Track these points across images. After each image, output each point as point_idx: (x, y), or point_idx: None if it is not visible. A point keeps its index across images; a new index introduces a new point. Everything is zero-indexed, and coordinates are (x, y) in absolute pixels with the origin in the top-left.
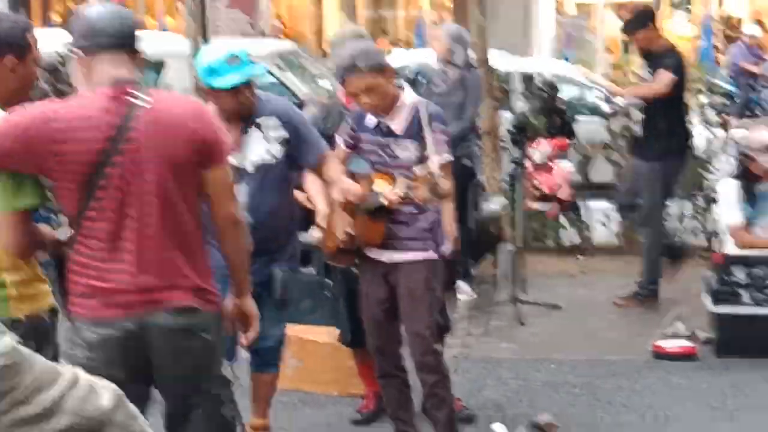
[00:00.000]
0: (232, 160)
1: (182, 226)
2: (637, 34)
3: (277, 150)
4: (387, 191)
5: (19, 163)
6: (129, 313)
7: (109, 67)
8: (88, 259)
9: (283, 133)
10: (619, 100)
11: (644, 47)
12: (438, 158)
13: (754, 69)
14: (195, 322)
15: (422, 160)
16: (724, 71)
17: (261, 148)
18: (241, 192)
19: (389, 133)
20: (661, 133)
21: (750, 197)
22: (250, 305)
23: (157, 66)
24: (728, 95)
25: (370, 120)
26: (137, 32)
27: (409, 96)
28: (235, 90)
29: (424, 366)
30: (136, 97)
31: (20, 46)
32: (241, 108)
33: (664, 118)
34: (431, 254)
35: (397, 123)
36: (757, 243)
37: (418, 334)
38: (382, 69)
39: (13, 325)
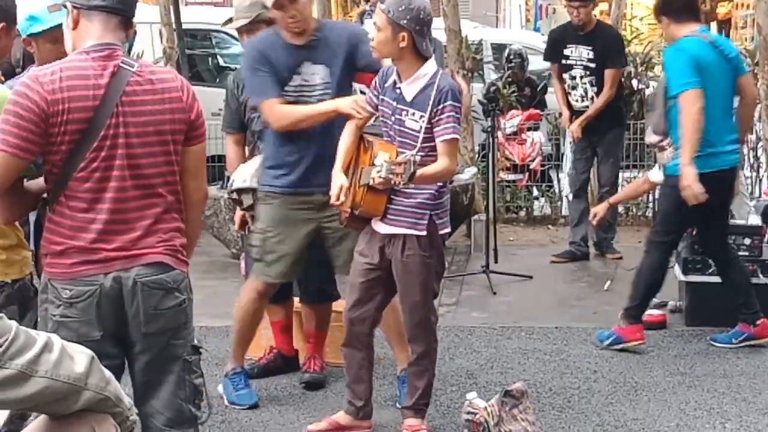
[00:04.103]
0: None
1: (163, 190)
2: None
3: None
4: (374, 170)
5: (39, 145)
6: (105, 269)
7: (98, 30)
8: (65, 218)
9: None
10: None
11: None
12: (443, 136)
13: None
14: (168, 279)
15: (427, 133)
16: None
17: None
18: None
19: (401, 98)
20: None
21: None
22: None
23: None
24: None
25: (391, 79)
26: (134, 1)
27: (430, 66)
28: (55, 37)
29: (414, 336)
30: (125, 63)
31: (12, 17)
32: (63, 57)
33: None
34: (428, 228)
35: (410, 90)
36: None
37: (412, 304)
38: (396, 25)
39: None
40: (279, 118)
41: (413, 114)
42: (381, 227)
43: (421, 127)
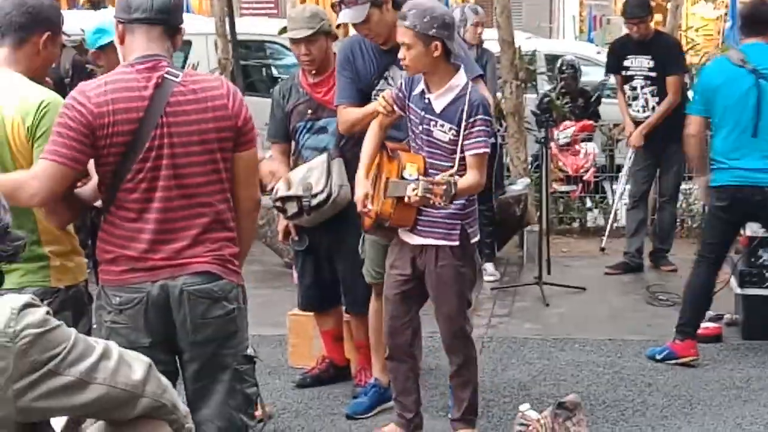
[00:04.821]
0: None
1: (210, 199)
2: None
3: None
4: (409, 188)
5: (88, 156)
6: (152, 277)
7: (142, 42)
8: (116, 228)
9: None
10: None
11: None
12: (474, 150)
13: None
14: (215, 289)
15: (455, 145)
16: None
17: None
18: None
19: (430, 109)
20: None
21: None
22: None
23: (184, 46)
24: None
25: (418, 88)
26: (175, 9)
27: (460, 78)
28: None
29: (451, 348)
30: (169, 73)
31: (57, 25)
32: None
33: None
34: (461, 237)
35: (440, 101)
36: None
37: (447, 315)
38: (426, 37)
39: (53, 295)
40: (342, 122)
41: (442, 126)
42: (412, 239)
43: (450, 140)
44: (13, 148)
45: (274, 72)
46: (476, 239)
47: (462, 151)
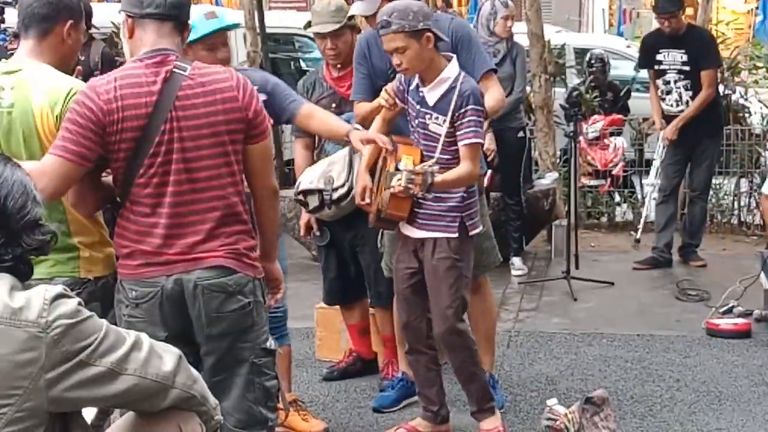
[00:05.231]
0: None
1: (222, 192)
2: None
3: None
4: (395, 179)
5: (96, 153)
6: (167, 272)
7: (152, 37)
8: (131, 223)
9: (263, 97)
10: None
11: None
12: (465, 140)
13: None
14: (230, 282)
15: (450, 137)
16: None
17: None
18: None
19: (424, 102)
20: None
21: None
22: (277, 270)
23: None
24: None
25: (414, 81)
26: (187, 4)
27: (452, 69)
28: (211, 44)
29: (447, 345)
30: (177, 67)
31: (78, 12)
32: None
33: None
34: (457, 232)
35: (432, 94)
36: None
37: (441, 313)
38: (417, 33)
39: (82, 286)
40: (356, 116)
41: (436, 118)
42: (413, 232)
43: (445, 132)
44: (43, 137)
45: (303, 65)
46: (476, 231)
47: (449, 138)
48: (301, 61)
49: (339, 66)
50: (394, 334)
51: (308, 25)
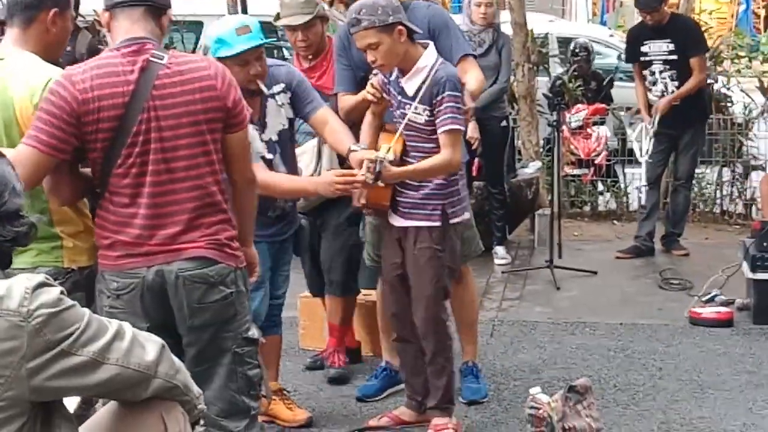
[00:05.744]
0: (257, 133)
1: (201, 182)
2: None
3: (288, 112)
4: (364, 167)
5: (71, 144)
6: (147, 263)
7: (126, 25)
8: (110, 214)
9: (288, 95)
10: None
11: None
12: (443, 127)
13: None
14: (211, 273)
15: (431, 126)
16: (765, 37)
17: (278, 116)
18: (277, 163)
19: (404, 92)
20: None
21: None
22: (253, 253)
23: (196, 27)
24: None
25: (394, 73)
26: None
27: (428, 57)
28: (244, 60)
29: (425, 334)
30: (154, 56)
31: (64, 0)
32: (253, 80)
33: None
34: (438, 221)
35: (410, 84)
36: None
37: (422, 301)
38: (388, 27)
39: (66, 275)
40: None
41: (416, 108)
42: (397, 220)
43: (425, 121)
44: (23, 127)
45: (286, 54)
46: (458, 220)
47: (430, 126)
48: (284, 50)
49: (310, 57)
50: (342, 323)
51: (278, 17)
